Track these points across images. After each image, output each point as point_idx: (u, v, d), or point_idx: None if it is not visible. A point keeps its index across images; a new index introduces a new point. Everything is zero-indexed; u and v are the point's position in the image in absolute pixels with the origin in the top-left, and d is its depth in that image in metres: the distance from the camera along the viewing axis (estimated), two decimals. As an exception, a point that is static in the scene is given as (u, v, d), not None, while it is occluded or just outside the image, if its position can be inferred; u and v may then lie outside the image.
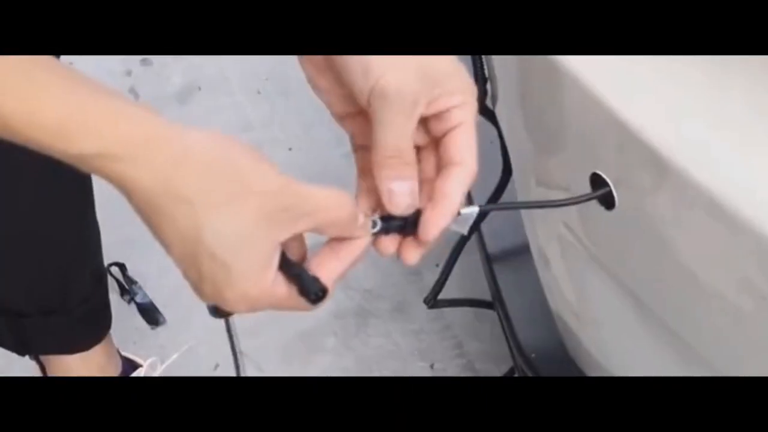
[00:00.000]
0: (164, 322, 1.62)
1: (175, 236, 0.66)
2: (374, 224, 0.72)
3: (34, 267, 1.25)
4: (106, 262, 1.39)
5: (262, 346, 1.59)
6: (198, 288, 0.69)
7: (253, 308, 0.70)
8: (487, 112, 1.05)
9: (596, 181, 0.83)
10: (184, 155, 0.64)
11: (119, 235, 1.59)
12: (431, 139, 0.74)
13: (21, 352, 1.36)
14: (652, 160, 0.77)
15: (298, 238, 0.71)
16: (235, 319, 0.78)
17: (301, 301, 0.70)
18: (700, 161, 0.75)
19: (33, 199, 1.18)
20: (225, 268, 0.66)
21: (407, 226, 0.72)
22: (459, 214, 0.73)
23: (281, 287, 0.69)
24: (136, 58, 1.96)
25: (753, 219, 0.72)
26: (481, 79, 1.00)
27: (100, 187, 1.22)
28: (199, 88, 1.94)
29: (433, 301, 1.28)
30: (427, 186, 0.73)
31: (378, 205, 0.73)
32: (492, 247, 1.31)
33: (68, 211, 1.24)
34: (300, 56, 0.75)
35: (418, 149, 0.74)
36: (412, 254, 0.73)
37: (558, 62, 0.82)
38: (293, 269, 0.70)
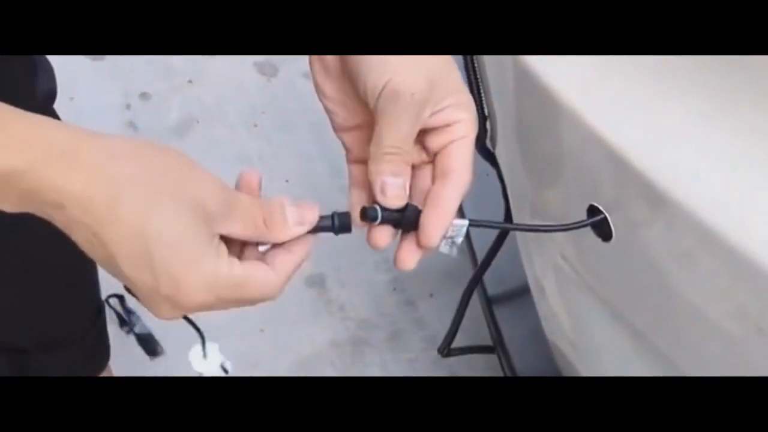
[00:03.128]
0: (163, 352, 1.63)
1: (119, 235, 0.64)
2: (375, 216, 0.72)
3: (34, 302, 1.24)
4: (104, 294, 1.39)
5: (262, 375, 1.59)
6: (153, 289, 0.67)
7: (215, 296, 0.67)
8: (487, 153, 1.04)
9: (593, 212, 0.83)
10: (110, 156, 0.64)
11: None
12: (427, 155, 0.74)
13: (21, 388, 1.35)
14: (648, 192, 0.78)
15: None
16: (235, 347, 0.78)
17: (266, 283, 0.69)
18: (695, 193, 0.76)
19: (30, 233, 1.18)
20: (180, 251, 0.65)
21: (404, 221, 0.72)
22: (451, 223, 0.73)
23: (238, 270, 0.68)
24: (135, 92, 1.97)
25: (748, 250, 0.73)
26: (481, 116, 0.99)
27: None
28: (197, 121, 1.95)
29: (447, 349, 1.31)
30: (423, 197, 0.73)
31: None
32: (493, 289, 1.33)
33: (65, 243, 1.24)
34: (311, 60, 0.75)
35: (414, 168, 0.74)
36: (410, 259, 0.73)
37: (555, 95, 0.83)
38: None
